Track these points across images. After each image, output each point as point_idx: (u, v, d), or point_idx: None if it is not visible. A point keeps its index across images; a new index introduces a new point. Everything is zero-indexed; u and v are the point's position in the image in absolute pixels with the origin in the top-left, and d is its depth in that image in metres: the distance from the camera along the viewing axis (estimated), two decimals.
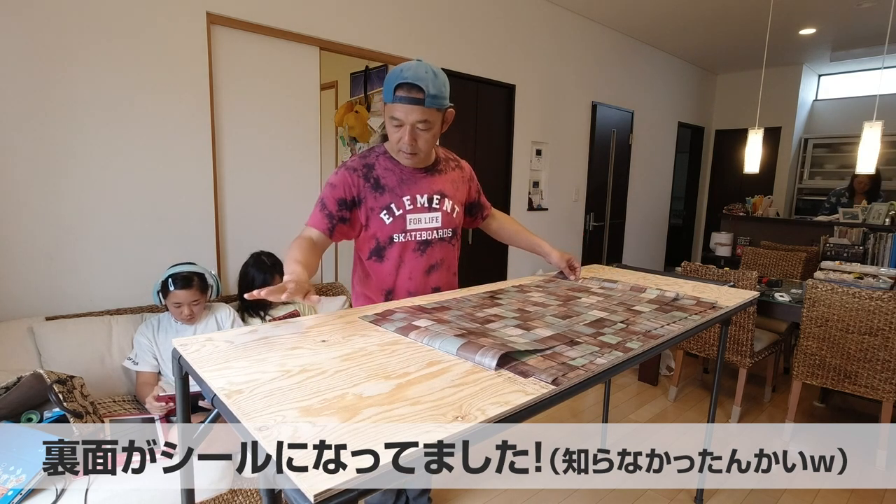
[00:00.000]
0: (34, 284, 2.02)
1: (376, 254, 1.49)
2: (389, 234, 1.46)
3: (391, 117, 1.34)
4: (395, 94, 1.30)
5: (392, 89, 1.30)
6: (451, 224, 1.55)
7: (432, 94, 1.31)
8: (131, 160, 2.19)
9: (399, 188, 1.46)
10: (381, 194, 1.44)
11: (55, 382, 1.50)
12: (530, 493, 2.15)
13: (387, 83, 1.32)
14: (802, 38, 4.89)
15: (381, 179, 1.45)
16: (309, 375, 0.89)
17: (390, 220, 1.45)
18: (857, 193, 4.71)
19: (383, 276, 1.50)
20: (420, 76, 1.29)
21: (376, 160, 1.47)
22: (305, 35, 2.66)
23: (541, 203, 4.34)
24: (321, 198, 1.43)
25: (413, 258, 1.50)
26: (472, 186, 1.70)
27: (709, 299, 1.60)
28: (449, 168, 1.59)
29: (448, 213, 1.54)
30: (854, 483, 2.28)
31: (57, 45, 1.96)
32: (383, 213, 1.44)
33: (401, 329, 1.14)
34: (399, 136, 1.36)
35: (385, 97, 1.34)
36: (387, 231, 1.45)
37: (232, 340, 1.07)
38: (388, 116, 1.35)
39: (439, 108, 1.36)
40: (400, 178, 1.47)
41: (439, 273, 1.56)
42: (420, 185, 1.49)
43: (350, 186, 1.42)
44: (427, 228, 1.50)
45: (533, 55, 3.97)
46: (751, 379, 3.51)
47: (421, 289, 1.53)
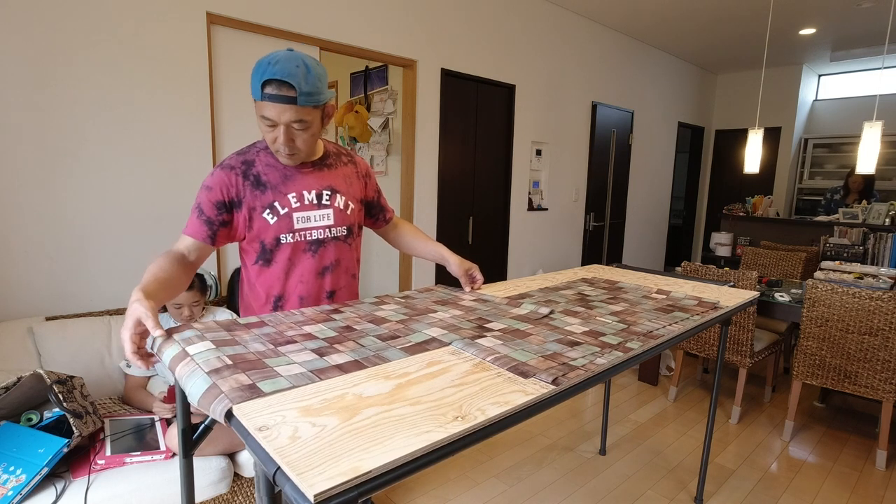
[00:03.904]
0: (34, 284, 2.02)
1: (262, 258, 1.36)
2: (275, 235, 1.34)
3: (262, 116, 1.22)
4: (263, 92, 1.17)
5: (259, 85, 1.17)
6: (345, 221, 1.44)
7: (305, 91, 1.18)
8: (131, 160, 2.19)
9: (283, 185, 1.34)
10: (262, 192, 1.32)
11: (55, 382, 1.50)
12: (530, 493, 2.15)
13: (254, 77, 1.19)
14: (802, 38, 4.89)
15: (261, 176, 1.33)
16: None
17: (274, 219, 1.33)
18: (852, 192, 4.74)
19: (271, 282, 1.38)
20: (291, 72, 1.16)
21: (256, 156, 1.35)
22: (305, 35, 2.66)
23: (541, 203, 4.34)
24: (197, 203, 1.29)
25: (304, 259, 1.39)
26: (369, 184, 1.56)
27: (710, 299, 1.61)
28: (340, 163, 1.47)
29: (341, 210, 1.42)
30: (854, 483, 2.28)
31: (57, 45, 1.96)
32: (266, 213, 1.32)
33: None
34: (274, 136, 1.24)
35: (253, 93, 1.20)
36: (272, 232, 1.34)
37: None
38: (259, 115, 1.22)
39: (315, 106, 1.23)
40: (283, 175, 1.35)
41: (334, 275, 1.44)
42: (306, 180, 1.37)
43: (228, 186, 1.29)
44: (318, 227, 1.39)
45: (533, 55, 3.97)
46: (751, 379, 3.51)
47: (314, 292, 1.41)
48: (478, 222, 3.85)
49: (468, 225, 3.79)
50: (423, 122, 3.33)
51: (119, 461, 1.54)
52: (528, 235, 4.23)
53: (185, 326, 1.12)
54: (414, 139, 3.30)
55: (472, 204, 3.80)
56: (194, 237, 1.28)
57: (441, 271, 3.63)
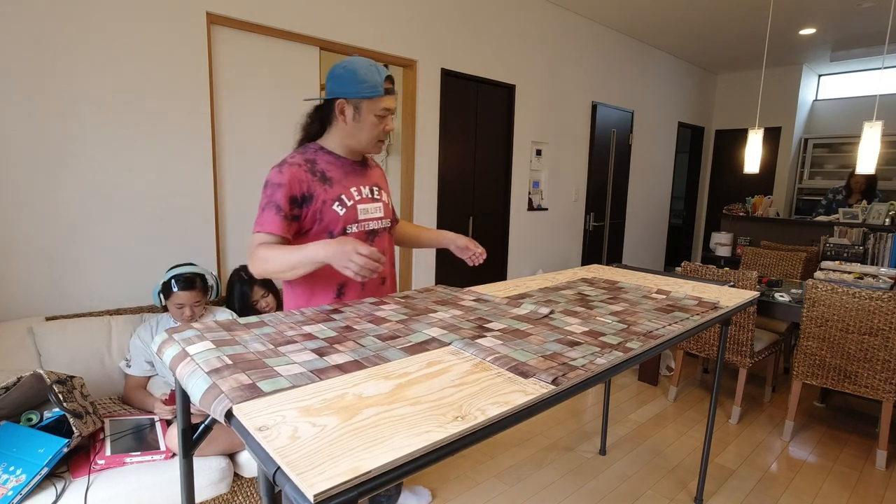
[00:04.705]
0: (34, 284, 2.02)
1: None
2: (343, 226, 1.45)
3: (384, 108, 1.41)
4: (385, 87, 1.40)
5: (380, 83, 1.39)
6: (388, 215, 1.59)
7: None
8: (131, 160, 2.19)
9: (344, 179, 1.47)
10: (330, 186, 1.44)
11: (55, 382, 1.50)
12: (530, 493, 2.15)
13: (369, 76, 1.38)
14: (802, 38, 4.89)
15: (326, 172, 1.44)
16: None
17: (343, 210, 1.44)
18: (854, 192, 4.73)
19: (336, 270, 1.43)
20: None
21: (315, 155, 1.46)
22: (305, 35, 2.66)
23: (541, 203, 4.34)
24: (271, 201, 1.36)
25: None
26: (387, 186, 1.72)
27: (710, 299, 1.61)
28: (374, 164, 1.63)
29: (386, 204, 1.59)
30: (854, 483, 2.28)
31: (57, 45, 1.96)
32: (336, 205, 1.43)
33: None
34: (383, 125, 1.44)
35: (371, 91, 1.38)
36: (341, 223, 1.44)
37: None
38: (380, 108, 1.40)
39: None
40: (343, 171, 1.48)
41: (386, 263, 1.54)
42: (361, 176, 1.53)
43: (300, 182, 1.39)
44: (374, 218, 1.52)
45: (533, 55, 3.97)
46: (751, 379, 3.51)
47: (372, 279, 1.52)
48: (478, 222, 3.85)
49: (468, 225, 3.79)
50: (423, 122, 3.33)
51: (119, 461, 1.54)
52: (527, 235, 4.23)
53: (185, 326, 1.12)
54: (414, 139, 3.30)
55: (472, 204, 3.80)
56: (276, 233, 1.34)
57: (441, 271, 3.63)
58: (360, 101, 1.40)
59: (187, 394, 0.94)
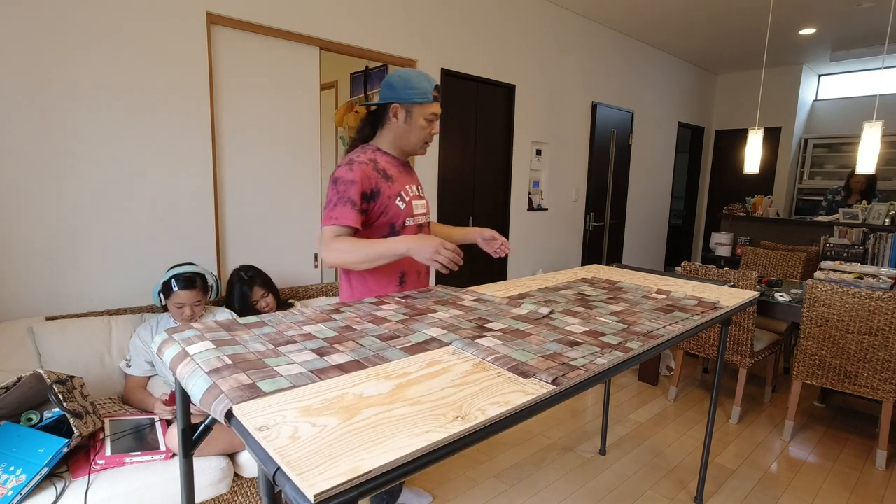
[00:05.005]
0: (34, 284, 2.02)
1: None
2: (403, 219, 1.59)
3: (432, 113, 1.57)
4: (433, 94, 1.57)
5: (430, 90, 1.56)
6: (428, 211, 1.74)
7: None
8: (131, 160, 2.19)
9: (400, 177, 1.61)
10: (392, 183, 1.57)
11: (55, 382, 1.50)
12: (530, 493, 2.15)
13: (419, 83, 1.54)
14: (802, 38, 4.89)
15: (387, 170, 1.58)
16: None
17: (403, 205, 1.59)
18: (854, 192, 4.73)
19: (398, 260, 1.58)
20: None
21: (375, 155, 1.58)
22: (305, 35, 2.66)
23: (541, 203, 4.34)
24: (345, 196, 1.47)
25: None
26: None
27: (710, 299, 1.60)
28: (412, 165, 1.78)
29: (428, 202, 1.74)
30: (854, 483, 2.28)
31: (57, 44, 1.96)
32: (398, 200, 1.58)
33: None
34: (431, 128, 1.60)
35: (421, 97, 1.55)
36: (402, 216, 1.59)
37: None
38: (429, 112, 1.57)
39: None
40: (398, 169, 1.62)
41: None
42: (409, 176, 1.67)
43: (369, 179, 1.51)
44: (422, 213, 1.68)
45: (533, 55, 3.97)
46: (751, 379, 3.51)
47: (423, 269, 1.69)
48: (478, 222, 3.85)
49: (468, 225, 3.79)
50: None
51: (119, 461, 1.54)
52: (527, 235, 4.23)
53: (184, 326, 1.12)
54: None
55: (472, 204, 3.80)
56: (350, 225, 1.46)
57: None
58: (411, 106, 1.56)
59: (187, 394, 0.94)
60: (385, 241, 1.42)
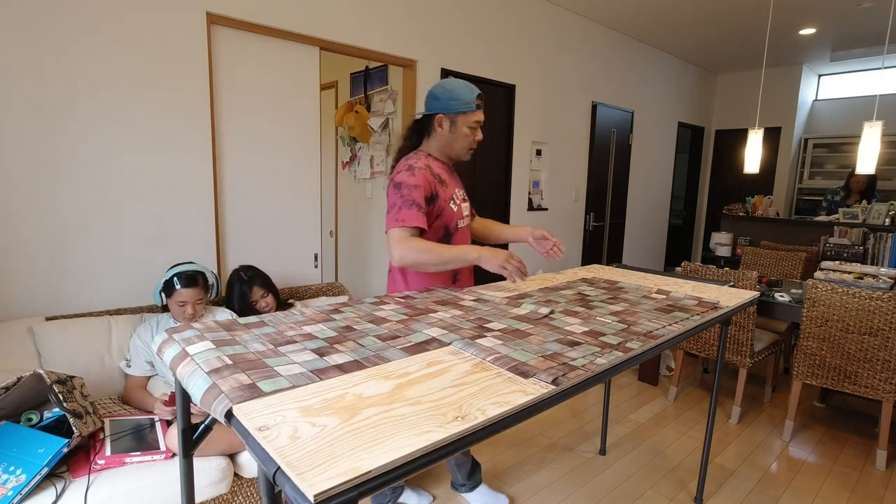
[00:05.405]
0: (34, 284, 2.02)
1: (446, 240, 1.70)
2: (456, 221, 1.70)
3: (476, 121, 1.66)
4: (476, 103, 1.64)
5: (473, 100, 1.63)
6: (471, 213, 1.87)
7: None
8: (131, 160, 2.19)
9: (450, 182, 1.72)
10: (445, 188, 1.67)
11: (55, 382, 1.50)
12: (530, 493, 2.15)
13: (462, 94, 1.61)
14: (802, 38, 4.89)
15: (440, 175, 1.68)
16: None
17: (455, 208, 1.70)
18: (854, 193, 4.73)
19: None
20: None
21: (428, 160, 1.67)
22: (305, 35, 2.66)
23: (541, 203, 4.34)
24: (408, 199, 1.55)
25: (466, 240, 1.79)
26: None
27: (711, 299, 1.60)
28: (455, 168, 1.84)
29: (470, 204, 1.85)
30: (854, 483, 2.28)
31: (57, 44, 1.96)
32: (451, 203, 1.69)
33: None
34: (475, 135, 1.69)
35: (464, 107, 1.62)
36: (455, 218, 1.70)
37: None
38: (472, 121, 1.65)
39: None
40: (448, 174, 1.73)
41: None
42: (456, 180, 1.78)
43: (430, 183, 1.61)
44: (466, 216, 1.79)
45: (533, 55, 3.97)
46: (751, 379, 3.51)
47: (472, 268, 1.80)
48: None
49: None
50: None
51: (119, 461, 1.54)
52: None
53: (184, 326, 1.13)
54: None
55: (472, 203, 3.80)
56: (419, 226, 1.55)
57: None
58: (455, 116, 1.64)
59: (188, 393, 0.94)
60: (459, 248, 1.54)
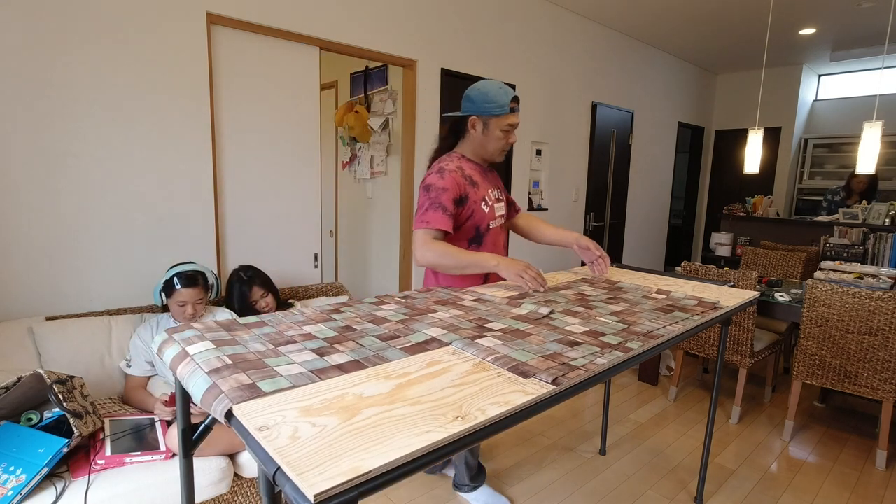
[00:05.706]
0: (34, 284, 2.02)
1: (476, 240, 1.73)
2: (488, 221, 1.72)
3: (510, 124, 1.66)
4: (510, 106, 1.64)
5: (507, 103, 1.63)
6: (505, 212, 1.87)
7: None
8: (131, 160, 2.19)
9: (483, 183, 1.73)
10: (476, 189, 1.69)
11: (55, 382, 1.50)
12: (530, 493, 2.15)
13: (497, 96, 1.62)
14: (802, 38, 4.89)
15: (472, 177, 1.69)
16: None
17: (487, 209, 1.72)
18: (854, 193, 4.73)
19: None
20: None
21: (461, 162, 1.69)
22: (305, 35, 2.66)
23: (541, 203, 4.34)
24: (438, 203, 1.58)
25: (499, 239, 1.80)
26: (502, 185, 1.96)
27: (711, 299, 1.60)
28: (492, 168, 1.87)
29: (505, 203, 1.87)
30: (854, 483, 2.28)
31: (56, 44, 1.96)
32: (483, 205, 1.70)
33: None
34: (507, 139, 1.70)
35: (499, 111, 1.63)
36: (487, 219, 1.72)
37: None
38: (505, 124, 1.65)
39: None
40: (481, 176, 1.74)
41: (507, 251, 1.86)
42: (491, 180, 1.79)
43: (460, 185, 1.63)
44: (500, 215, 1.80)
45: (533, 55, 3.97)
46: (751, 379, 3.51)
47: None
48: None
49: None
50: (423, 123, 3.32)
51: (119, 461, 1.54)
52: None
53: (184, 326, 1.13)
54: (414, 139, 3.30)
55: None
56: (444, 228, 1.58)
57: None
58: (488, 118, 1.65)
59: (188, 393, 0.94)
60: (478, 254, 1.57)
